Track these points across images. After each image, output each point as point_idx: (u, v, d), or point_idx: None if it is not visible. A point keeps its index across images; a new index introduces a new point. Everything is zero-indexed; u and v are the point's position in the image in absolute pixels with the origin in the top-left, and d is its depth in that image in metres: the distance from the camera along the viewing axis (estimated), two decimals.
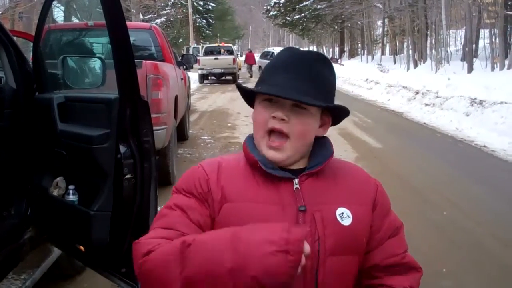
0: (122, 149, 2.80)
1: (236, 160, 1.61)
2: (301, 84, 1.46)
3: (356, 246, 1.55)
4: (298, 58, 1.51)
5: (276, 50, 36.89)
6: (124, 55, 2.69)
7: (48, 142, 3.35)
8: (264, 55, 35.91)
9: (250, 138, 1.60)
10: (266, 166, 1.51)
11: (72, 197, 3.13)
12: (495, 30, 18.33)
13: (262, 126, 1.51)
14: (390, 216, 1.66)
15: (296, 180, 1.52)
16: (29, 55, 3.76)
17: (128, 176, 2.82)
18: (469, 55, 19.36)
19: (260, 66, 34.43)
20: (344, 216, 1.51)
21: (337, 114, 1.60)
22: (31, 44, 3.71)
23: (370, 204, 1.59)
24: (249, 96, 1.61)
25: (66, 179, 3.26)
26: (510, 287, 4.40)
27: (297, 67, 1.49)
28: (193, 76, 27.28)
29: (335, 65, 1.54)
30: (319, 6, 42.69)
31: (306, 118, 1.49)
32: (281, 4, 49.56)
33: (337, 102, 1.57)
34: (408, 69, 25.41)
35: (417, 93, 17.71)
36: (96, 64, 4.21)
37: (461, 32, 25.53)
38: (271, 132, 1.49)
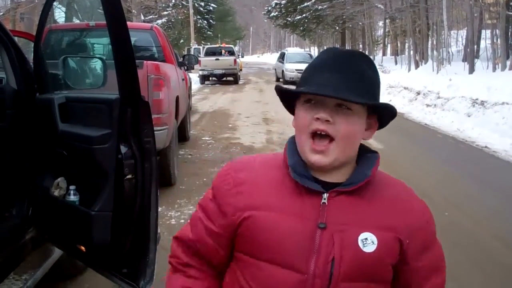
0: (123, 149, 2.80)
1: (273, 160, 1.56)
2: (344, 82, 1.38)
3: (380, 273, 1.44)
4: (339, 56, 1.44)
5: (290, 50, 36.86)
6: (125, 56, 2.69)
7: (49, 143, 3.35)
8: (280, 56, 34.66)
9: (292, 140, 1.51)
10: (296, 172, 1.45)
11: (73, 198, 3.13)
12: (497, 30, 18.35)
13: (304, 129, 1.42)
14: (430, 252, 1.51)
15: (325, 195, 1.43)
16: (30, 56, 3.76)
17: (129, 176, 2.81)
18: (470, 56, 19.35)
19: (275, 69, 34.16)
20: (368, 242, 1.40)
21: (383, 115, 1.50)
22: (32, 44, 3.71)
23: (405, 234, 1.44)
24: (288, 101, 1.52)
25: (67, 179, 3.26)
26: None
27: (340, 66, 1.41)
28: (194, 77, 27.31)
29: None
30: (320, 7, 42.62)
31: (352, 118, 1.40)
32: (282, 5, 49.49)
33: None
34: (409, 69, 25.40)
35: (418, 93, 17.71)
36: (97, 64, 4.22)
37: (463, 32, 25.53)
38: (315, 135, 1.41)
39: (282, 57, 32.82)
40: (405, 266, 1.47)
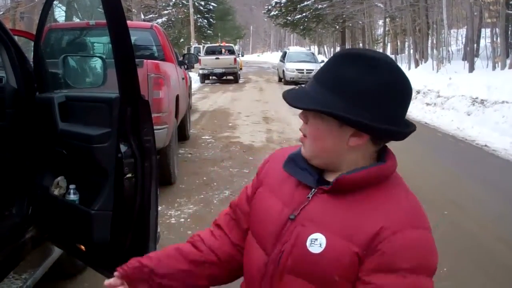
0: (123, 148, 2.80)
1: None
2: (313, 90, 1.40)
3: (323, 278, 1.38)
4: (328, 61, 1.46)
5: (292, 49, 36.63)
6: (125, 55, 2.69)
7: (49, 142, 3.35)
8: (282, 55, 33.49)
9: None
10: (297, 165, 1.53)
11: (73, 197, 3.14)
12: (497, 29, 18.37)
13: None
14: (390, 277, 1.32)
15: (312, 190, 1.47)
16: (30, 55, 3.76)
17: (129, 175, 2.81)
18: (470, 55, 19.36)
19: (277, 69, 33.81)
20: (316, 243, 1.38)
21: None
22: (32, 43, 3.71)
23: (363, 246, 1.34)
24: None
25: (67, 178, 3.26)
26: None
27: (322, 71, 1.44)
28: (194, 75, 27.29)
29: None
30: (320, 6, 42.66)
31: (321, 123, 1.41)
32: (282, 4, 49.54)
33: None
34: (409, 68, 25.41)
35: (418, 92, 17.72)
36: (97, 63, 4.22)
37: (463, 31, 25.53)
38: None
39: (283, 56, 31.90)
40: (358, 281, 1.36)
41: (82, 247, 3.14)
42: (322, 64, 1.63)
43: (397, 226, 1.34)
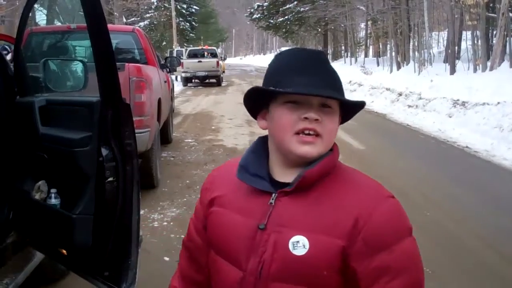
0: (104, 152, 2.79)
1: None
2: (324, 83, 1.42)
3: (311, 277, 1.39)
4: (309, 59, 1.47)
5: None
6: (106, 58, 2.69)
7: (29, 146, 3.33)
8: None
9: (260, 141, 1.58)
10: (248, 172, 1.50)
11: (54, 201, 3.12)
12: (477, 32, 18.50)
13: (288, 129, 1.43)
14: (383, 256, 1.38)
15: (273, 195, 1.46)
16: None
17: (110, 179, 2.80)
18: (451, 57, 19.51)
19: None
20: (299, 245, 1.39)
21: (350, 111, 1.54)
22: (13, 46, 3.69)
23: (345, 238, 1.38)
24: (259, 103, 1.53)
25: (48, 182, 3.24)
26: (491, 286, 4.45)
27: (314, 68, 1.45)
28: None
29: None
30: (302, 9, 42.80)
31: (334, 117, 1.45)
32: (265, 7, 49.61)
33: None
34: (391, 71, 25.55)
35: (400, 95, 17.83)
36: (78, 67, 4.20)
37: (444, 34, 25.77)
38: (299, 133, 1.43)
39: None
40: (349, 270, 1.39)
41: (64, 251, 3.13)
42: None
43: (368, 208, 1.39)
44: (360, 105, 1.51)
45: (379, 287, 1.37)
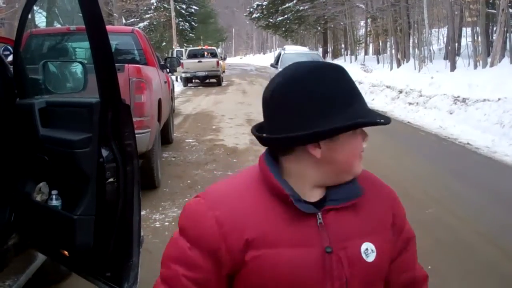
0: (104, 153, 2.80)
1: (243, 184, 1.44)
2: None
3: (381, 277, 1.46)
4: (343, 71, 1.38)
5: (288, 50, 29.98)
6: (104, 59, 2.69)
7: (30, 148, 3.34)
8: (276, 58, 24.86)
9: (271, 161, 1.42)
10: (295, 198, 1.35)
11: (55, 202, 3.12)
12: (477, 28, 18.46)
13: (357, 153, 1.38)
14: (405, 229, 1.54)
15: (319, 214, 1.37)
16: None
17: (111, 180, 2.81)
18: (451, 54, 19.46)
19: (270, 76, 31.30)
20: (369, 251, 1.38)
21: None
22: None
23: (390, 228, 1.47)
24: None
25: (49, 184, 3.24)
26: (492, 282, 4.44)
27: (352, 81, 1.39)
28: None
29: None
30: (301, 8, 42.71)
31: None
32: (264, 6, 49.53)
33: None
34: (391, 68, 25.51)
35: (400, 92, 17.82)
36: (77, 68, 4.20)
37: (444, 31, 25.68)
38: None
39: (277, 60, 23.00)
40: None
41: (66, 252, 3.13)
42: None
43: (395, 200, 1.54)
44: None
45: (407, 255, 1.53)
